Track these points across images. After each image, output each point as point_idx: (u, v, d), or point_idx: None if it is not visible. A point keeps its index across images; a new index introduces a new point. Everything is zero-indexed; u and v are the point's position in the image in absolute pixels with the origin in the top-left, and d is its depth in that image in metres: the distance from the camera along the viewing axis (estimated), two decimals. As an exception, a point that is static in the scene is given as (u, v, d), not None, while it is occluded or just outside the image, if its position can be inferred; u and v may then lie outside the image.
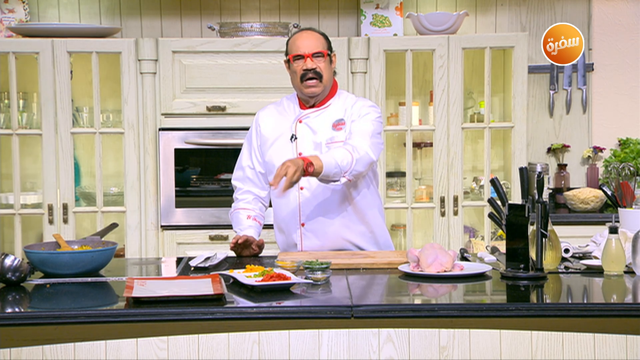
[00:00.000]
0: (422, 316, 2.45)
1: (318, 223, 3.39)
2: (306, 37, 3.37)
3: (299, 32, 3.42)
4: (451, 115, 4.73)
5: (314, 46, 3.35)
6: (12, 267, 2.73)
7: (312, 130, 3.40)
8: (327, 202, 3.38)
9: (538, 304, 2.60)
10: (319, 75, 3.34)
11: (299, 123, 3.41)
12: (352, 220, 3.42)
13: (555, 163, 5.22)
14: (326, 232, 3.40)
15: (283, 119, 3.46)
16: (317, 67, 3.33)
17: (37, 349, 2.38)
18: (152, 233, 4.68)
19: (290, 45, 3.40)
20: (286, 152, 3.38)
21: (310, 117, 3.41)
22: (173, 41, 4.66)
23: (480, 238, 4.86)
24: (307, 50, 3.33)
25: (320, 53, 3.35)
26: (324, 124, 3.40)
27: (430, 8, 5.13)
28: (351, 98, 3.47)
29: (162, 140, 4.63)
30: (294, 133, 3.40)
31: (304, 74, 3.33)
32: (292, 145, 3.40)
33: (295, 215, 3.40)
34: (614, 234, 2.87)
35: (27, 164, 4.95)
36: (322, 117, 3.41)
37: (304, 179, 3.20)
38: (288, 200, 3.40)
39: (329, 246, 3.41)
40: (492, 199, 3.10)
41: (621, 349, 2.40)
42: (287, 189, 3.05)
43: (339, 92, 3.48)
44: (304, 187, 3.37)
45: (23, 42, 4.67)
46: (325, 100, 3.43)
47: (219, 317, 2.42)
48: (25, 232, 4.81)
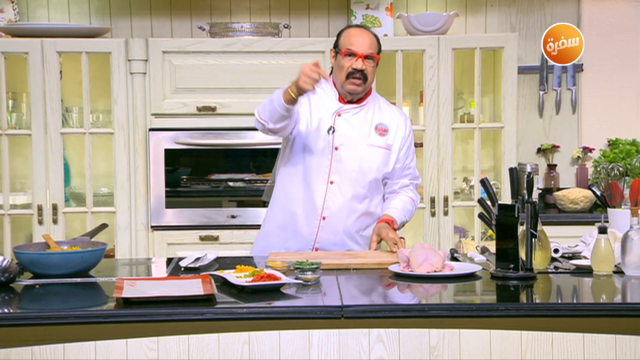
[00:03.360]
0: (412, 316, 2.45)
1: (338, 218, 3.41)
2: (363, 37, 3.36)
3: (355, 28, 3.41)
4: (441, 115, 4.74)
5: (368, 47, 3.34)
6: (1, 268, 2.72)
7: (350, 126, 3.42)
8: (351, 200, 3.41)
9: (528, 304, 2.60)
10: (365, 77, 3.35)
11: (337, 116, 3.42)
12: (365, 222, 3.47)
13: (545, 163, 5.24)
14: (343, 228, 3.42)
15: (321, 107, 3.41)
16: (366, 70, 3.34)
17: (26, 350, 2.37)
18: (142, 233, 4.67)
19: (344, 39, 3.38)
20: (322, 142, 3.38)
21: (350, 112, 3.43)
22: (163, 41, 4.66)
23: (471, 238, 4.87)
24: (362, 51, 3.33)
25: (373, 57, 3.35)
26: (363, 122, 3.43)
27: (421, 8, 5.14)
28: (390, 107, 3.55)
29: (152, 140, 4.62)
30: (332, 125, 3.40)
31: (352, 72, 3.33)
32: (329, 137, 3.39)
33: (318, 208, 3.40)
34: (603, 234, 2.87)
35: (16, 164, 4.94)
36: (360, 115, 3.44)
37: (336, 174, 3.37)
38: (312, 192, 3.40)
39: (342, 243, 3.43)
40: (482, 199, 3.10)
41: (610, 348, 2.41)
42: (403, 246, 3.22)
43: (373, 93, 3.52)
44: (334, 182, 3.39)
45: (12, 42, 4.66)
46: (363, 98, 3.46)
47: (209, 318, 2.41)
48: (15, 232, 4.79)
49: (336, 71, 3.40)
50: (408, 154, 3.54)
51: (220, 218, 4.66)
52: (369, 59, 3.34)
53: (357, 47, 3.32)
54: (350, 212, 3.42)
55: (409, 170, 3.55)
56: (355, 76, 3.33)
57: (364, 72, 3.33)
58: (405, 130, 3.51)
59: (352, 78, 3.34)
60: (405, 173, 3.54)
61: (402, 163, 3.51)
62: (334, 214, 3.41)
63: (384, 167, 3.46)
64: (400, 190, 3.54)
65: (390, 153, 3.47)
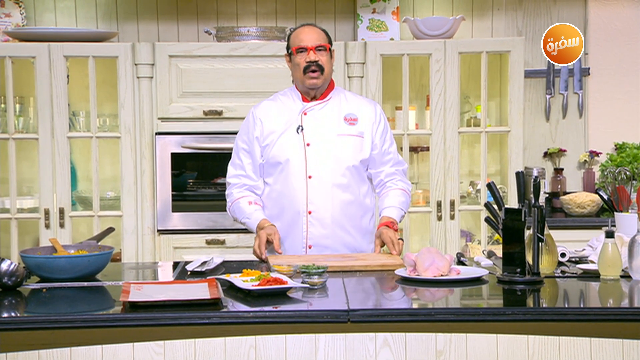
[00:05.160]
0: (419, 320, 2.45)
1: (324, 210, 3.47)
2: (309, 32, 3.50)
3: (301, 27, 3.55)
4: (448, 119, 4.74)
5: (316, 39, 3.48)
6: (9, 272, 2.73)
7: (318, 122, 3.52)
8: (332, 189, 3.48)
9: (535, 308, 2.60)
10: (321, 68, 3.47)
11: (304, 115, 3.53)
12: (355, 212, 3.53)
13: (552, 167, 5.23)
14: (331, 219, 3.48)
15: (284, 112, 3.56)
16: (320, 60, 3.46)
17: (33, 354, 2.38)
18: (149, 237, 4.67)
19: (293, 39, 3.52)
20: (293, 143, 3.50)
21: (315, 109, 3.55)
22: (170, 45, 4.66)
23: (477, 242, 4.86)
24: (311, 43, 3.46)
25: (323, 47, 3.47)
26: (330, 115, 3.54)
27: (427, 12, 5.14)
28: (356, 97, 3.67)
29: (159, 144, 4.63)
30: (300, 124, 3.51)
31: (307, 66, 3.46)
32: (299, 136, 3.50)
33: (302, 204, 3.47)
34: (611, 238, 2.87)
35: (23, 169, 4.95)
36: (327, 109, 3.55)
37: (313, 168, 3.46)
38: (295, 189, 3.48)
39: (334, 235, 3.48)
40: (489, 203, 3.10)
41: (618, 353, 2.40)
42: (401, 249, 3.35)
43: (336, 87, 3.62)
44: (312, 176, 3.47)
45: (20, 47, 4.67)
46: (326, 93, 3.57)
47: (216, 322, 2.41)
48: (22, 236, 4.80)
49: (294, 72, 3.53)
50: (385, 139, 3.60)
51: (226, 222, 4.66)
52: (320, 50, 3.47)
53: (306, 42, 3.47)
54: (334, 201, 3.48)
55: (389, 155, 3.61)
56: (311, 69, 3.46)
57: (318, 63, 3.45)
58: (375, 115, 3.59)
59: (309, 72, 3.46)
60: (385, 159, 3.60)
61: (380, 149, 3.57)
62: (319, 208, 3.47)
63: (358, 153, 3.53)
64: (387, 180, 3.60)
65: (363, 140, 3.55)
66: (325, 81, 3.52)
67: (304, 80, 3.48)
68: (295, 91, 3.59)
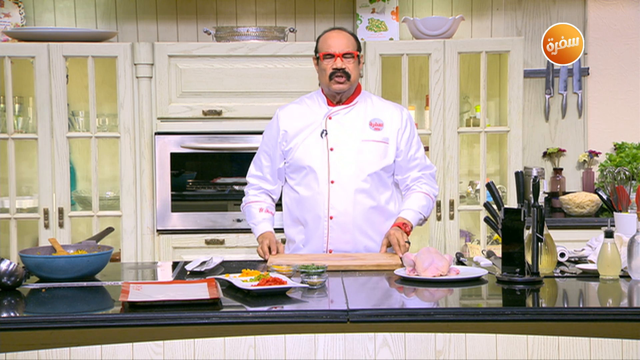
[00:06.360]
0: (418, 320, 2.45)
1: (346, 215, 3.46)
2: (337, 37, 3.48)
3: (330, 31, 3.53)
4: (447, 119, 4.74)
5: (344, 46, 3.46)
6: (8, 272, 2.73)
7: (342, 126, 3.51)
8: (355, 195, 3.46)
9: (534, 308, 2.60)
10: (347, 75, 3.45)
11: (329, 119, 3.52)
12: (377, 217, 3.51)
13: (551, 167, 5.23)
14: (353, 224, 3.46)
15: (309, 116, 3.55)
16: (347, 67, 3.45)
17: (32, 354, 2.38)
18: (148, 237, 4.67)
19: (321, 43, 3.51)
20: (317, 148, 3.49)
21: (340, 113, 3.53)
22: (169, 45, 4.66)
23: (476, 242, 4.86)
24: (338, 50, 3.45)
25: (350, 54, 3.46)
26: (355, 120, 3.52)
27: (426, 12, 5.14)
28: (383, 102, 3.63)
29: (158, 144, 4.63)
30: (324, 129, 3.50)
31: (333, 72, 3.44)
32: (323, 140, 3.49)
33: (324, 209, 3.46)
34: (610, 238, 2.87)
35: (22, 168, 4.95)
36: (352, 114, 3.54)
37: (336, 173, 3.45)
38: (317, 193, 3.47)
39: (354, 240, 3.48)
40: (488, 203, 3.10)
41: (617, 353, 2.40)
42: (406, 251, 3.33)
43: (363, 91, 3.61)
44: (335, 181, 3.46)
45: (19, 47, 4.67)
46: (352, 97, 3.55)
47: (215, 322, 2.41)
48: (21, 236, 4.79)
49: (320, 76, 3.52)
50: (411, 145, 3.57)
51: (225, 222, 4.66)
52: (347, 57, 3.45)
53: (334, 48, 3.45)
54: (355, 207, 3.46)
55: (415, 161, 3.58)
56: (337, 75, 3.44)
57: (345, 70, 3.44)
58: (401, 121, 3.56)
59: (335, 77, 3.45)
60: (412, 165, 3.57)
61: (406, 155, 3.55)
62: (341, 213, 3.45)
63: (381, 159, 3.51)
64: (412, 184, 3.58)
65: (387, 146, 3.52)
66: (352, 86, 3.50)
67: (330, 85, 3.47)
68: (321, 95, 3.58)
